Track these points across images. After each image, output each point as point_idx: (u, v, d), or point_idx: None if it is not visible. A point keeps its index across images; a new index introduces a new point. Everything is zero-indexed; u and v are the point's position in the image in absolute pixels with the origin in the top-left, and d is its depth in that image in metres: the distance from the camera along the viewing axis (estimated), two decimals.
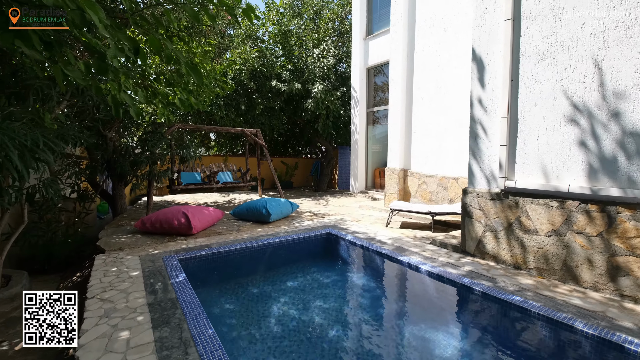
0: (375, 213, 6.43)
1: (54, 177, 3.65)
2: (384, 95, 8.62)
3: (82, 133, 4.19)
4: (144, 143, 4.86)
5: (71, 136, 3.84)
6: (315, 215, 6.22)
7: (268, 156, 7.18)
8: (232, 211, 5.76)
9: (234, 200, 7.88)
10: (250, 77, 9.24)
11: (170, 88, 4.16)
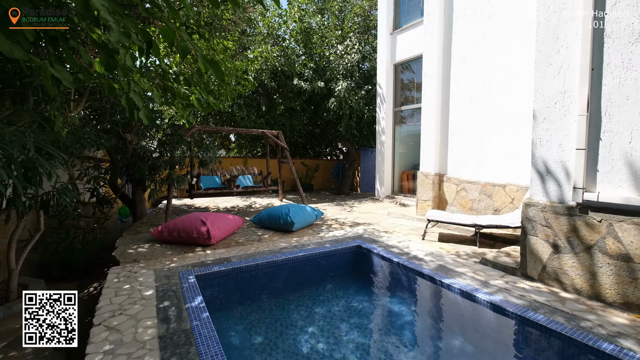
0: (407, 222, 5.88)
1: (69, 183, 3.43)
2: (412, 93, 8.03)
3: (99, 136, 3.97)
4: (163, 146, 4.61)
5: (87, 140, 3.62)
6: (341, 223, 5.76)
7: (289, 158, 6.81)
8: (253, 218, 5.42)
9: (254, 205, 7.57)
10: (271, 77, 8.92)
11: (187, 87, 3.84)
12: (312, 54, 9.40)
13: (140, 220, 5.62)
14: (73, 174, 4.44)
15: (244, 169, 7.02)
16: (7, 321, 3.02)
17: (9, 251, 3.31)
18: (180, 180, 4.68)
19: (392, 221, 5.93)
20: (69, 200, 3.16)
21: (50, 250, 4.16)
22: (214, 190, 5.95)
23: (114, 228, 6.55)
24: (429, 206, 5.98)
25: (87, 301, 3.47)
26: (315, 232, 5.11)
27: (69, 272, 4.40)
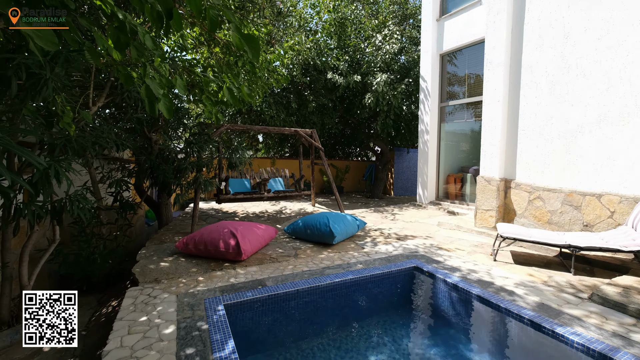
0: (465, 236, 4.99)
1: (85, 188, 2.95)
2: (461, 86, 7.06)
3: (119, 136, 3.50)
4: (189, 146, 4.09)
5: (105, 139, 3.15)
6: (386, 236, 4.99)
7: (324, 160, 6.14)
8: (286, 227, 4.80)
9: (284, 210, 6.97)
10: (303, 72, 8.30)
11: (217, 75, 3.26)
12: (345, 47, 8.68)
13: (166, 226, 5.19)
14: (95, 177, 4.04)
15: (275, 171, 6.44)
16: (13, 348, 2.56)
17: (20, 265, 2.88)
18: (207, 184, 4.15)
19: (447, 234, 5.07)
20: (82, 208, 2.67)
21: (70, 261, 3.76)
22: (244, 195, 5.39)
23: (141, 232, 6.21)
24: (491, 217, 5.05)
25: (102, 326, 2.98)
26: (359, 246, 4.38)
27: (90, 284, 3.99)
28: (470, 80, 6.86)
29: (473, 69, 6.75)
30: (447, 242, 4.60)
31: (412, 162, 12.45)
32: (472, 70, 6.79)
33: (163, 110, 2.22)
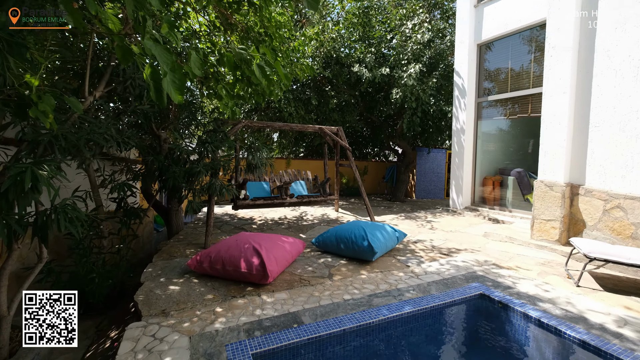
0: (522, 250, 4.24)
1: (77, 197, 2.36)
2: (502, 80, 6.29)
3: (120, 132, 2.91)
4: (203, 145, 3.47)
5: (102, 135, 2.55)
6: (429, 248, 4.28)
7: (352, 160, 5.45)
8: (314, 239, 4.14)
9: (305, 217, 6.32)
10: (324, 65, 7.65)
11: (244, 46, 2.64)
12: (369, 39, 7.98)
13: (176, 235, 4.59)
14: (95, 180, 3.46)
15: (296, 174, 5.80)
16: None
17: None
18: (224, 190, 3.52)
19: (499, 248, 4.32)
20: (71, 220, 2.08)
21: (63, 281, 3.18)
22: (264, 200, 4.76)
23: (149, 240, 5.65)
24: (553, 228, 4.28)
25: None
26: (402, 263, 3.69)
27: (88, 306, 3.41)
28: (513, 72, 6.09)
29: (518, 59, 5.98)
30: (505, 259, 3.86)
31: (435, 163, 11.67)
32: (516, 61, 6.02)
33: (171, 91, 1.60)
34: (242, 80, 4.83)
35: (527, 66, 5.85)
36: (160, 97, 1.95)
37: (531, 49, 5.72)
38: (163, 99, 1.93)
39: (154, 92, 1.92)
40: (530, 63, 5.74)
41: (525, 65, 5.88)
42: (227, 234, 4.82)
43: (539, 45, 5.58)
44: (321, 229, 5.31)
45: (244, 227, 5.32)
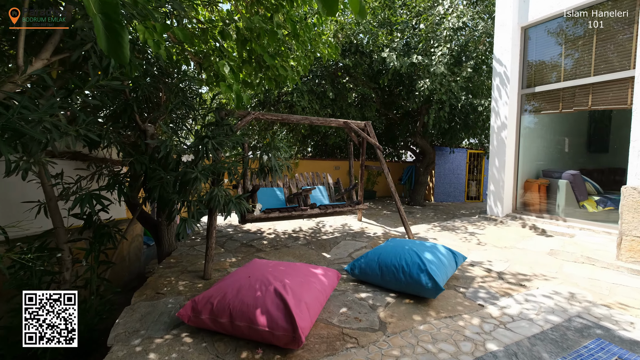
0: (613, 276, 3.29)
1: None
2: (552, 67, 5.33)
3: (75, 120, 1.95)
4: (202, 142, 2.50)
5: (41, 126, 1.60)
6: (492, 275, 3.33)
7: (383, 161, 4.48)
8: (349, 267, 3.19)
9: (324, 228, 5.36)
10: (343, 52, 6.70)
11: None
12: (391, 25, 7.02)
13: (167, 258, 3.63)
14: (51, 191, 2.49)
15: (314, 177, 4.84)
16: None
17: None
18: (232, 204, 2.54)
19: (582, 273, 3.37)
20: None
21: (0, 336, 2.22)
22: (279, 212, 3.79)
23: (137, 257, 4.69)
24: None
25: None
26: (469, 299, 2.74)
27: None
28: (567, 59, 5.14)
29: (573, 44, 5.03)
30: (602, 292, 2.91)
31: (455, 163, 10.74)
32: (570, 46, 5.07)
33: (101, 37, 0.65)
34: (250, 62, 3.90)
35: (585, 52, 4.90)
36: (118, 53, 1.03)
37: (591, 31, 4.76)
38: (124, 56, 1.02)
39: (105, 40, 1.00)
40: (592, 47, 4.79)
41: (583, 51, 4.93)
42: (232, 255, 3.86)
43: (600, 27, 4.63)
44: (347, 244, 4.36)
45: (253, 243, 4.36)
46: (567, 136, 7.12)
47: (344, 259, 3.80)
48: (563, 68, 5.19)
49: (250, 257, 3.78)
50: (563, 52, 5.20)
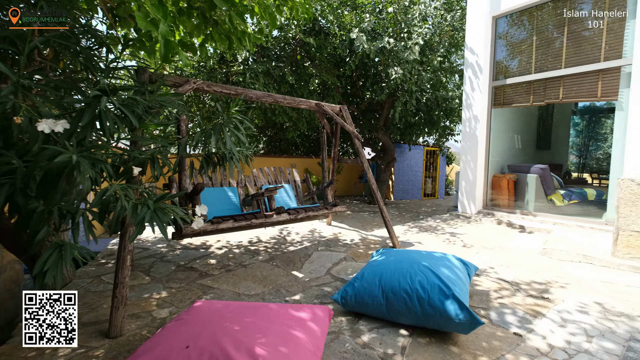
0: (622, 277, 2.98)
1: None
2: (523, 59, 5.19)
3: None
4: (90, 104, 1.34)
5: None
6: (505, 286, 2.75)
7: (362, 153, 3.71)
8: (339, 295, 2.30)
9: (289, 237, 4.39)
10: (306, 31, 5.80)
11: None
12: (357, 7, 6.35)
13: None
14: None
15: (277, 174, 3.83)
16: None
17: None
18: (147, 214, 1.44)
19: (591, 276, 3.00)
20: None
21: None
22: (233, 222, 2.73)
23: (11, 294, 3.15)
24: None
25: None
26: (500, 326, 2.08)
27: None
28: (539, 50, 5.00)
29: (545, 34, 4.90)
30: (628, 298, 2.51)
31: (414, 160, 10.61)
32: (543, 35, 4.94)
33: None
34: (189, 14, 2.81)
35: (556, 43, 4.79)
36: None
37: (570, 21, 4.65)
38: None
39: None
40: (563, 38, 4.68)
41: (554, 43, 4.82)
42: (163, 287, 2.68)
43: (576, 16, 4.53)
44: (321, 257, 3.47)
45: (194, 264, 3.20)
46: (521, 133, 7.27)
47: (322, 279, 2.90)
48: (534, 60, 5.04)
49: (190, 287, 2.66)
50: (534, 43, 5.05)
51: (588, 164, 10.31)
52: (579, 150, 10.37)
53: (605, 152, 10.22)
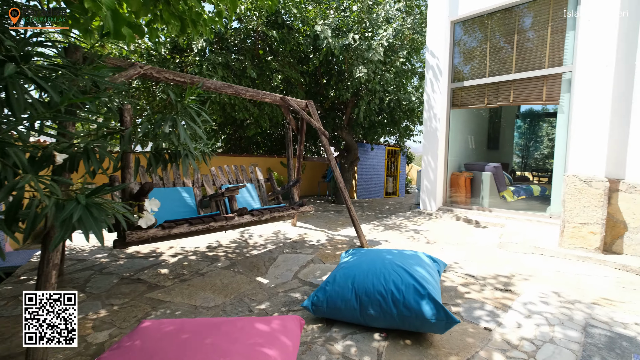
0: (569, 267, 3.22)
1: None
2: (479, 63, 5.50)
3: None
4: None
5: None
6: (471, 281, 2.81)
7: (330, 151, 3.59)
8: (309, 302, 2.12)
9: (251, 240, 4.12)
10: (268, 24, 5.53)
11: None
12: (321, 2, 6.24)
13: None
14: None
15: (237, 172, 3.53)
16: None
17: None
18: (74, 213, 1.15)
19: (544, 266, 3.19)
20: None
21: None
22: (188, 226, 2.42)
23: None
24: (592, 234, 3.40)
25: None
26: (472, 324, 2.07)
27: None
28: (492, 55, 5.31)
29: (498, 40, 5.22)
30: (577, 287, 2.69)
31: (376, 160, 10.84)
32: (496, 41, 5.25)
33: None
34: None
35: (507, 49, 5.13)
36: None
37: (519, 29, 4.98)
38: None
39: None
40: (513, 45, 5.02)
41: (505, 49, 5.16)
42: (102, 304, 2.29)
43: (524, 25, 4.88)
44: (288, 260, 3.27)
45: (142, 275, 2.82)
46: (474, 134, 7.74)
47: (290, 284, 2.71)
48: (488, 64, 5.34)
49: (136, 303, 2.30)
50: (488, 49, 5.35)
51: (529, 163, 11.39)
52: (521, 151, 11.40)
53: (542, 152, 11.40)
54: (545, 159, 11.12)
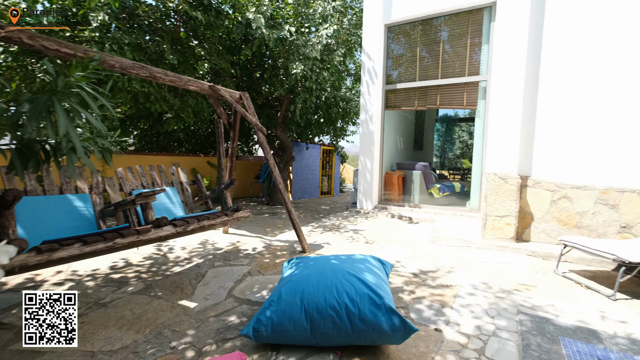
0: (492, 256, 3.52)
1: None
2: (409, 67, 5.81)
3: None
4: None
5: None
6: (412, 280, 2.81)
7: (267, 149, 3.22)
8: (250, 328, 1.76)
9: (171, 252, 3.49)
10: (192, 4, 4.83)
11: None
12: None
13: None
14: None
15: (154, 175, 2.88)
16: None
17: None
18: None
19: (472, 257, 3.43)
20: None
21: None
22: (82, 245, 1.80)
23: None
24: (508, 225, 3.81)
25: None
26: (422, 326, 2.01)
27: None
28: (422, 60, 5.64)
29: (426, 46, 5.57)
30: (501, 276, 2.93)
31: (311, 159, 10.77)
32: (425, 47, 5.60)
33: None
34: None
35: (434, 56, 5.50)
36: None
37: (444, 38, 5.37)
38: None
39: None
40: (439, 52, 5.41)
41: (433, 55, 5.53)
42: None
43: (452, 34, 5.30)
44: (220, 274, 2.81)
45: (6, 318, 2.05)
46: (403, 135, 8.26)
47: (223, 305, 2.29)
48: (418, 69, 5.66)
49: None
50: (418, 54, 5.66)
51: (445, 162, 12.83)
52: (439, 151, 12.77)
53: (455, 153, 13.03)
54: (457, 158, 12.67)
